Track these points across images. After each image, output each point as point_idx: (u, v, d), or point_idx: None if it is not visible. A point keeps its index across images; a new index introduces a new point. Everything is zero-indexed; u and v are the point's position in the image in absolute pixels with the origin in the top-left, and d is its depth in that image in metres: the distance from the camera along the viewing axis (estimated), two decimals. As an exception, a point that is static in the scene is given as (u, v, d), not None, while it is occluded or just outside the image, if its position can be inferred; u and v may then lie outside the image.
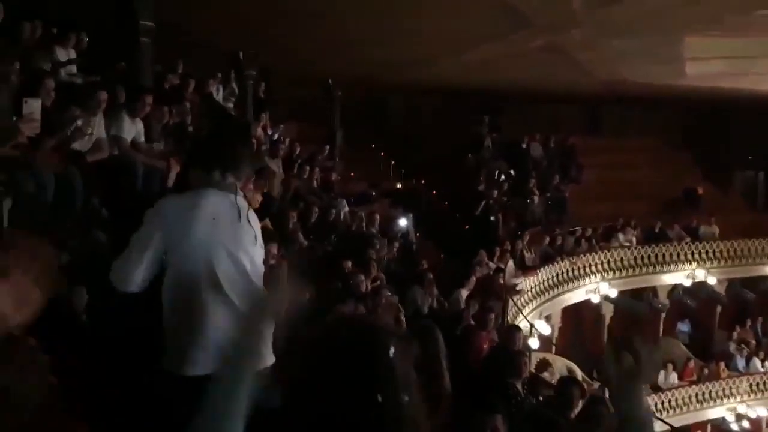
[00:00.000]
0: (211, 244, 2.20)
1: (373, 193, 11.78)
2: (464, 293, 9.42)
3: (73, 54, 6.87)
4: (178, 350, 2.16)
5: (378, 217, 10.20)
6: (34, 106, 4.26)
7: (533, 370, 7.72)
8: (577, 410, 4.51)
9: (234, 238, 2.26)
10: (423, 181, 13.18)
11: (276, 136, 10.84)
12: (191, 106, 8.19)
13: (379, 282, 7.23)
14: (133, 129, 6.26)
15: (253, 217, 2.39)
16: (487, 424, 2.99)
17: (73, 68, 6.88)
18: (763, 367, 15.14)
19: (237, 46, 10.89)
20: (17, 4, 6.12)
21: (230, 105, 10.35)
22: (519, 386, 5.46)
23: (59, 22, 7.11)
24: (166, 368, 2.18)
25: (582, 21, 8.96)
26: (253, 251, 2.32)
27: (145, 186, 5.58)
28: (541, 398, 5.79)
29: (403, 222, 10.97)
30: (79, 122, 4.95)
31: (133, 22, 7.55)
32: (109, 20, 7.62)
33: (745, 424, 14.46)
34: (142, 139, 6.35)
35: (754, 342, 15.92)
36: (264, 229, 2.60)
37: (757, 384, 14.87)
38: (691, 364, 14.72)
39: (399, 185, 12.58)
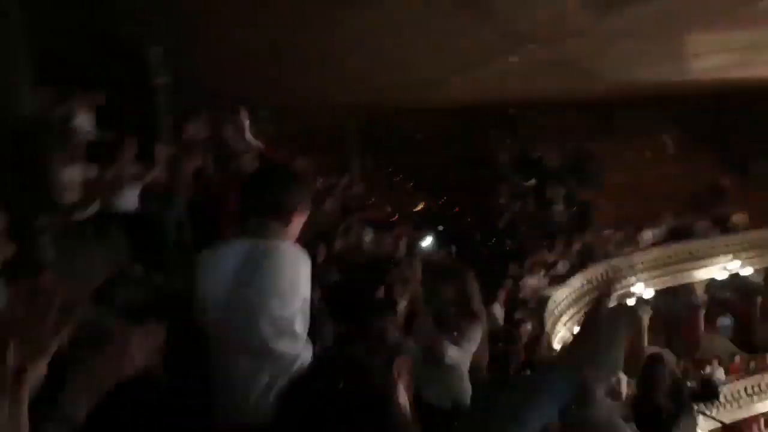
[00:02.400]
0: (231, 298, 2.07)
1: (395, 217, 11.79)
2: (498, 308, 9.36)
3: (91, 115, 7.00)
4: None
5: (404, 240, 10.17)
6: (73, 174, 4.33)
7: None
8: None
9: (259, 289, 2.06)
10: (443, 200, 13.18)
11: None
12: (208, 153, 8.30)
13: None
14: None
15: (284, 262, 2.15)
16: None
17: (87, 125, 7.00)
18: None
19: (245, 89, 11.04)
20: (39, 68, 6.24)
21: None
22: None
23: (77, 81, 7.24)
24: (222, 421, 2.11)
25: (585, 30, 8.97)
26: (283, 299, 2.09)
27: (178, 237, 5.54)
28: None
29: (426, 243, 10.94)
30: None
31: (147, 78, 7.71)
32: (124, 77, 7.80)
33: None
34: None
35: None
36: None
37: (807, 372, 14.50)
38: (737, 359, 14.39)
39: (420, 206, 12.59)
